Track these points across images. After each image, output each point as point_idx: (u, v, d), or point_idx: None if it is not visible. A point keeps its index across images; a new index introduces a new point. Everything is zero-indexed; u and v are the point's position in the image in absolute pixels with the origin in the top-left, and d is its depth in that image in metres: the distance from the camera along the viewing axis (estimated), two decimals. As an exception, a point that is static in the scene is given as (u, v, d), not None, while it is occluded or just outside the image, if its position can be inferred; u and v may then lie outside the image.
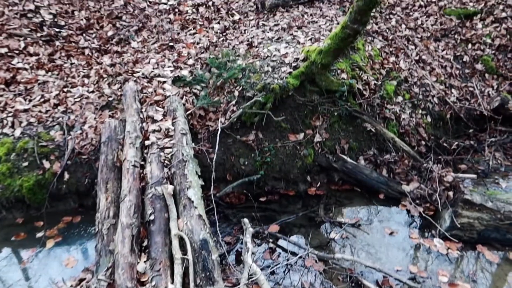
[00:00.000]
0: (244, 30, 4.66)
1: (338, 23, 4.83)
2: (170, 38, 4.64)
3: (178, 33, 4.78)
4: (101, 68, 4.21)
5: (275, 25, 4.66)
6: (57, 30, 4.77)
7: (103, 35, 4.82)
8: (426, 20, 5.72)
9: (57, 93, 3.90)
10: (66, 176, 3.34)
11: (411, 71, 4.88)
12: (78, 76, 4.14)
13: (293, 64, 3.73)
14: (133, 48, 4.60)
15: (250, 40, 4.28)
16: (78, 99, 3.81)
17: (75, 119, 3.63)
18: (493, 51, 5.59)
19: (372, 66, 4.52)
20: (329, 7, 5.31)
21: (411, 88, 4.68)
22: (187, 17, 5.06)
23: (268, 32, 4.49)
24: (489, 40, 5.64)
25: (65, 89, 3.95)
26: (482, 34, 5.68)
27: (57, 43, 4.63)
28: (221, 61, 3.91)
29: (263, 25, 4.72)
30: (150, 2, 5.39)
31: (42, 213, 3.33)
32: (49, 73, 4.21)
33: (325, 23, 4.77)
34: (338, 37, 3.36)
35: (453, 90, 5.01)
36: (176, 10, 5.22)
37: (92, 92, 3.91)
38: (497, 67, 5.44)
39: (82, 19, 4.98)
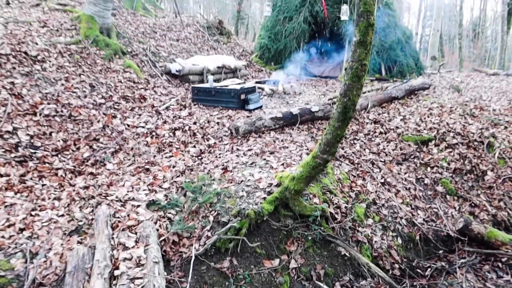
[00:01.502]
0: (219, 154, 4.86)
1: (307, 149, 5.16)
2: (146, 161, 4.75)
3: (154, 156, 4.91)
4: (74, 190, 4.17)
5: (249, 150, 4.91)
6: (32, 151, 4.80)
7: (78, 157, 4.88)
8: (387, 145, 6.20)
9: (24, 216, 3.76)
10: (22, 311, 3.05)
11: (378, 193, 5.11)
12: (49, 198, 4.06)
13: (267, 189, 3.85)
14: (108, 170, 4.64)
15: (225, 164, 4.45)
16: (46, 224, 3.67)
17: (40, 245, 3.45)
18: (451, 174, 6.02)
19: (342, 189, 4.72)
20: (298, 133, 5.71)
21: (380, 210, 4.84)
22: (164, 140, 5.26)
23: (242, 156, 4.70)
24: (445, 164, 6.11)
25: (33, 212, 3.82)
26: (438, 158, 6.16)
27: (30, 164, 4.61)
28: (197, 185, 3.99)
29: (237, 149, 4.96)
30: (128, 125, 5.62)
31: None
32: (18, 195, 4.10)
33: (295, 148, 5.08)
34: (309, 166, 3.56)
35: (419, 212, 5.21)
36: (154, 133, 5.45)
37: (62, 215, 3.80)
38: (456, 189, 5.81)
39: (59, 140, 5.07)
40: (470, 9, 41.61)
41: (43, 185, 4.32)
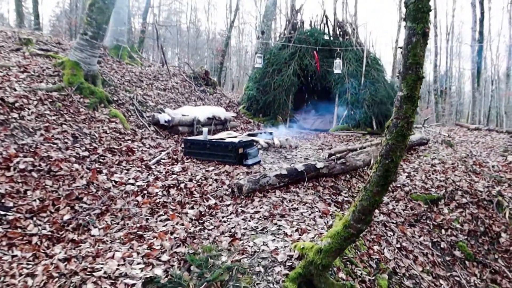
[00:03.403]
0: (223, 217, 4.27)
1: (319, 211, 4.66)
2: (138, 225, 4.11)
3: (147, 219, 4.27)
4: (52, 264, 3.45)
5: (256, 212, 4.35)
6: (2, 213, 4.08)
7: (57, 220, 4.19)
8: (397, 205, 5.78)
9: (-13, 300, 3.02)
10: None
11: (397, 260, 4.59)
12: (20, 275, 3.32)
13: (288, 264, 3.27)
14: (93, 236, 3.96)
15: (232, 230, 3.86)
16: (15, 311, 2.94)
17: None
18: (465, 237, 5.60)
19: (361, 258, 4.19)
20: (304, 192, 5.21)
21: (402, 281, 4.29)
22: (157, 200, 4.65)
23: (249, 220, 4.13)
24: (458, 225, 5.71)
25: (-1, 294, 3.09)
26: (450, 219, 5.77)
27: (-1, 229, 3.89)
28: (202, 257, 3.38)
29: (243, 212, 4.40)
30: (115, 182, 5.00)
31: None
32: (-19, 270, 3.36)
33: (307, 210, 4.57)
34: (340, 236, 3.04)
35: (441, 281, 4.70)
36: (145, 192, 4.84)
37: (36, 299, 3.08)
38: (474, 253, 5.37)
39: (35, 200, 4.38)
40: (438, 67, 43.87)
41: (13, 256, 3.59)
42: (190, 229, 3.98)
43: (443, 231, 5.55)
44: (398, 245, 4.90)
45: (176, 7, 43.97)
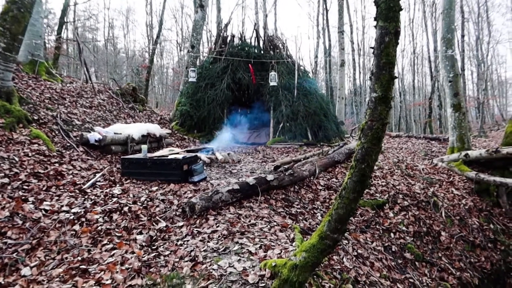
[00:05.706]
0: (177, 241, 3.88)
1: (277, 224, 4.47)
2: (79, 258, 3.56)
3: (89, 250, 3.73)
4: (-27, 316, 2.82)
5: (213, 232, 4.03)
6: None
7: (-25, 261, 3.48)
8: (347, 213, 5.80)
9: None
10: None
11: (356, 268, 4.54)
12: None
13: (261, 285, 3.01)
14: (24, 277, 3.34)
15: (192, 254, 3.50)
16: None
17: None
18: (412, 238, 5.78)
19: (326, 270, 4.05)
20: (258, 206, 4.99)
21: (365, 290, 4.25)
22: (99, 228, 4.11)
23: (208, 241, 3.80)
24: (404, 228, 5.88)
25: None
26: (396, 222, 5.92)
27: None
28: (163, 288, 2.98)
29: (199, 232, 4.04)
30: (46, 211, 4.35)
31: None
32: None
33: (265, 225, 4.35)
34: (317, 249, 2.87)
35: (398, 285, 4.74)
36: (83, 219, 4.26)
37: None
38: (422, 253, 5.54)
39: None
40: (352, 79, 46.81)
41: None
42: (143, 257, 3.53)
43: (392, 234, 5.67)
44: (355, 253, 4.87)
45: (91, 24, 41.91)
